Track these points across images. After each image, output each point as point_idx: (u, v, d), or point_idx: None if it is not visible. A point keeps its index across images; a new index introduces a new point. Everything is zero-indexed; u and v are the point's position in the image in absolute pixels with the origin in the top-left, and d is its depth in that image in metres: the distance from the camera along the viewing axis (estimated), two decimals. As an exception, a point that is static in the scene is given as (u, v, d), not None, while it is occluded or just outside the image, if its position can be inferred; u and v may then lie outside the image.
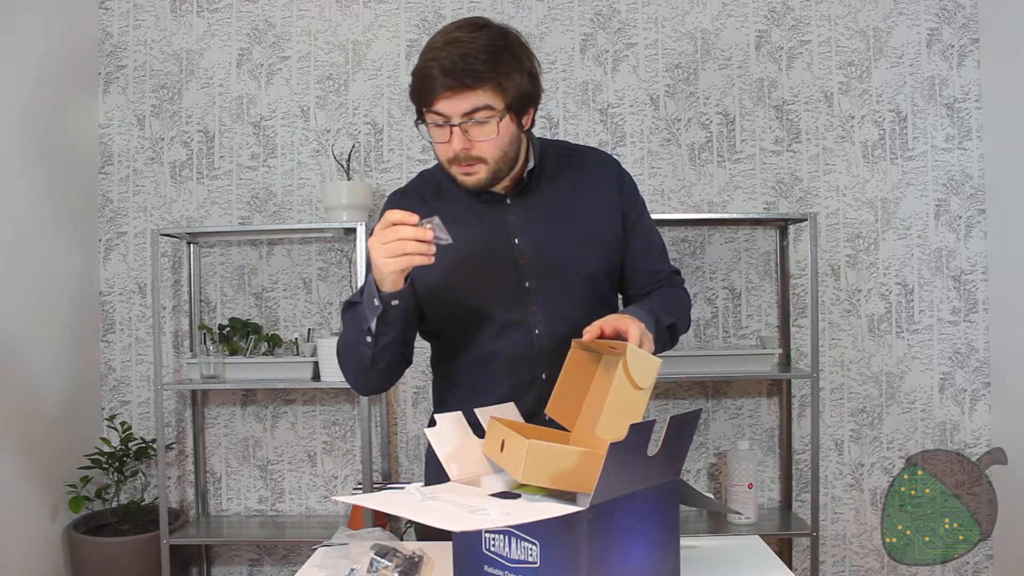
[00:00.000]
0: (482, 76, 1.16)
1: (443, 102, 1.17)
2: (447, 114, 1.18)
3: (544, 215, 1.33)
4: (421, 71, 1.18)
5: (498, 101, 1.19)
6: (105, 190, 2.75)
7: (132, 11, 2.74)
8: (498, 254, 1.31)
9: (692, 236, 2.67)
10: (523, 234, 1.31)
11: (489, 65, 1.16)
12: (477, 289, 1.31)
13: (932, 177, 2.64)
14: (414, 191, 1.39)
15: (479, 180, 1.25)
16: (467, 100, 1.17)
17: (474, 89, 1.16)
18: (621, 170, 1.41)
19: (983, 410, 2.63)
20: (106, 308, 2.74)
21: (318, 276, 2.70)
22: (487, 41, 1.17)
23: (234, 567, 2.74)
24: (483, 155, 1.22)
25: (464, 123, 1.18)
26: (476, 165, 1.23)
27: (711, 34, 2.66)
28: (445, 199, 1.35)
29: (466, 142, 1.20)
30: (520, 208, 1.33)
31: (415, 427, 2.70)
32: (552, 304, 1.30)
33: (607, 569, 0.92)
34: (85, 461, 2.50)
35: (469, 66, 1.15)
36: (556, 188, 1.35)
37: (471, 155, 1.21)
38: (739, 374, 2.41)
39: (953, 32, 2.63)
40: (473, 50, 1.16)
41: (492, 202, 1.33)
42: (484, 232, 1.32)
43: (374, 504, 0.98)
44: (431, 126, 1.22)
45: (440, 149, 1.24)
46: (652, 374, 1.08)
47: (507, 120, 1.21)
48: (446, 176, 1.34)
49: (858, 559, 2.66)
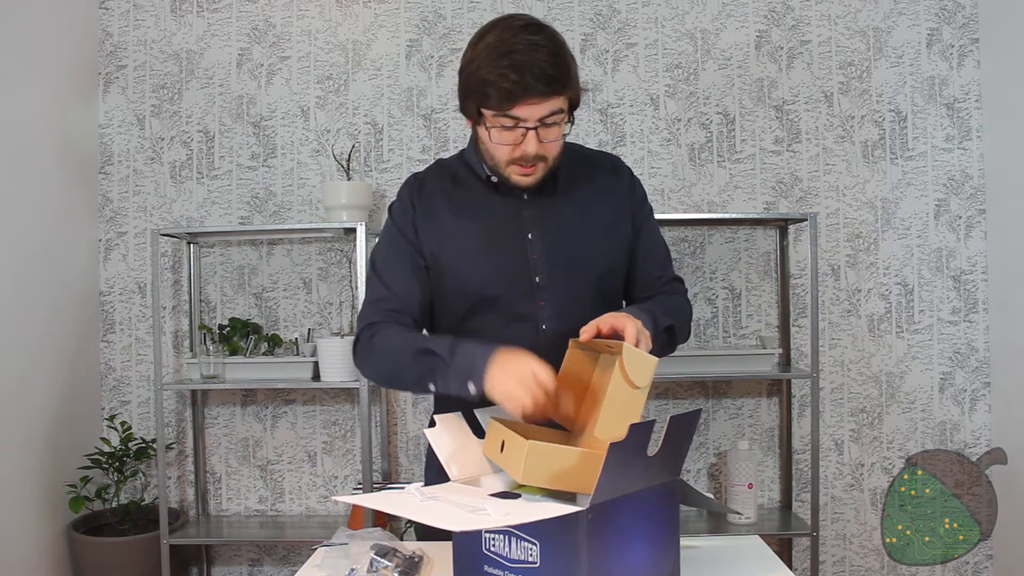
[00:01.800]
0: (565, 82, 1.18)
1: (523, 107, 1.17)
2: (524, 118, 1.18)
3: (559, 213, 1.34)
4: (503, 77, 1.15)
5: (565, 103, 1.21)
6: (105, 190, 2.75)
7: (132, 11, 2.74)
8: (511, 247, 1.32)
9: (692, 236, 2.67)
10: (537, 230, 1.32)
11: (568, 71, 1.18)
12: (487, 279, 1.31)
13: (932, 177, 2.64)
14: (434, 178, 1.39)
15: (536, 179, 1.27)
16: (548, 105, 1.17)
17: (557, 95, 1.18)
18: (633, 176, 1.43)
19: (983, 410, 2.63)
20: (106, 308, 2.74)
21: (318, 276, 2.70)
22: (554, 45, 1.18)
23: (234, 567, 2.74)
24: (547, 154, 1.24)
25: (538, 126, 1.19)
26: (537, 165, 1.25)
27: (711, 34, 2.66)
28: (462, 189, 1.36)
29: (539, 144, 1.21)
30: (536, 204, 1.34)
31: (415, 427, 2.70)
32: (561, 301, 1.31)
33: (607, 569, 0.92)
34: (85, 461, 2.50)
35: (559, 71, 1.16)
36: (571, 189, 1.36)
37: (537, 155, 1.22)
38: (739, 374, 2.41)
39: (953, 32, 2.63)
40: (549, 54, 1.16)
41: (509, 196, 1.34)
42: (499, 224, 1.33)
43: (374, 504, 0.98)
44: (496, 128, 1.21)
45: (503, 151, 1.23)
46: (649, 372, 1.08)
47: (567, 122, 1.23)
48: (463, 167, 1.37)
49: (858, 559, 2.66)
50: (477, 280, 1.31)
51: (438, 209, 1.34)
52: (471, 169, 1.36)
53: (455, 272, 1.31)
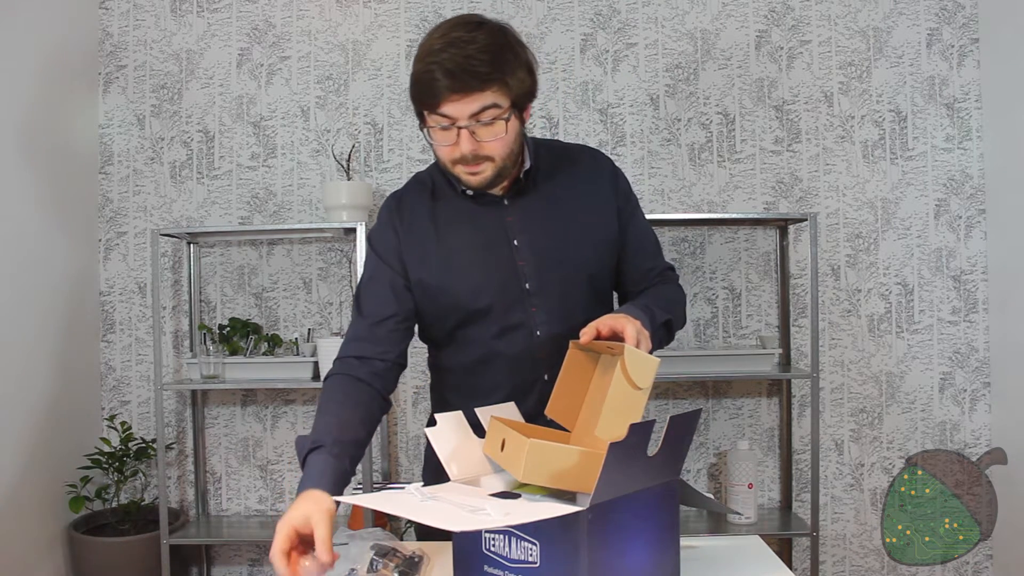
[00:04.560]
0: (488, 76, 1.13)
1: (449, 105, 1.14)
2: (454, 116, 1.15)
3: (542, 215, 1.31)
4: (423, 74, 1.14)
5: (504, 99, 1.16)
6: (105, 190, 2.75)
7: (132, 11, 2.74)
8: (497, 256, 1.29)
9: (692, 236, 2.67)
10: (522, 235, 1.30)
11: (494, 65, 1.14)
12: (477, 291, 1.29)
13: (932, 177, 2.64)
14: (412, 194, 1.37)
15: (484, 179, 1.23)
16: (474, 101, 1.14)
17: (481, 90, 1.14)
18: (615, 168, 1.39)
19: (983, 410, 2.63)
20: (106, 308, 2.74)
21: (318, 276, 2.70)
22: (488, 39, 1.14)
23: (234, 567, 2.74)
24: (491, 154, 1.20)
25: (471, 124, 1.16)
26: (483, 164, 1.21)
27: (711, 34, 2.66)
28: (441, 201, 1.33)
29: (474, 143, 1.17)
30: (518, 209, 1.31)
31: (415, 427, 2.70)
32: (552, 305, 1.29)
33: (607, 569, 0.92)
34: (85, 461, 2.50)
35: (474, 67, 1.12)
36: (552, 188, 1.33)
37: (478, 155, 1.19)
38: (739, 374, 2.41)
39: (953, 32, 2.63)
40: (475, 50, 1.12)
41: (490, 203, 1.31)
42: (482, 234, 1.30)
43: (374, 504, 0.98)
44: (435, 129, 1.19)
45: (444, 151, 1.21)
46: (650, 374, 1.08)
47: (513, 118, 1.19)
48: (440, 177, 1.34)
49: (858, 559, 2.66)
50: (467, 294, 1.29)
51: (420, 228, 1.32)
52: (447, 180, 1.33)
53: (444, 289, 1.29)
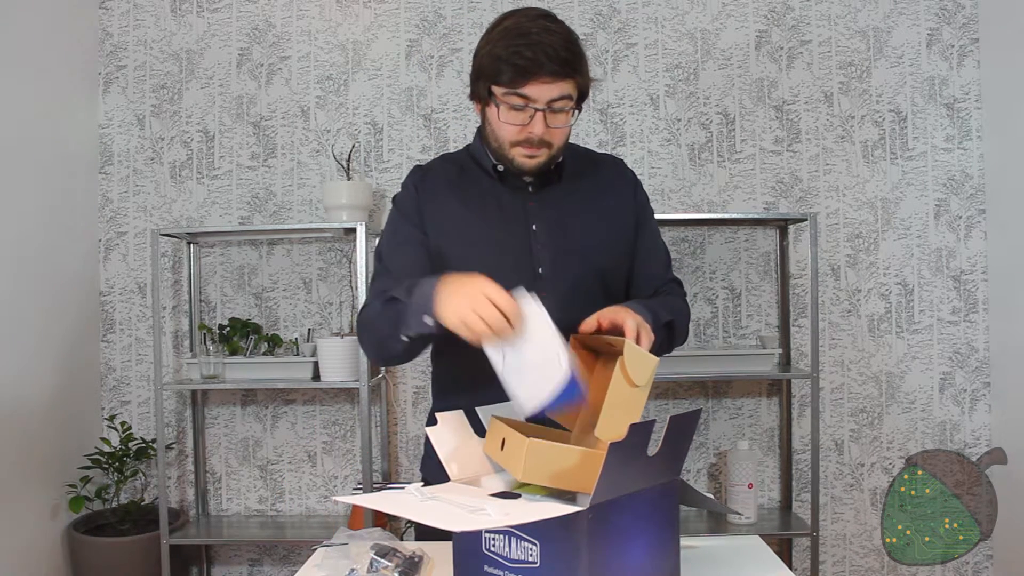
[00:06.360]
0: (576, 67, 1.22)
1: (534, 86, 1.20)
2: (534, 98, 1.21)
3: (563, 207, 1.36)
4: (516, 53, 1.19)
5: (575, 92, 1.25)
6: (105, 190, 2.75)
7: (132, 11, 2.74)
8: (515, 237, 1.33)
9: (692, 236, 2.67)
10: (541, 221, 1.34)
11: (581, 57, 1.24)
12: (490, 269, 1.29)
13: (932, 177, 2.64)
14: (439, 168, 1.41)
15: (539, 163, 1.29)
16: (558, 88, 1.21)
17: (566, 78, 1.21)
18: (636, 179, 1.47)
19: (983, 410, 2.63)
20: (106, 308, 2.74)
21: (318, 276, 2.70)
22: (573, 35, 1.24)
23: (234, 567, 2.74)
24: (553, 140, 1.27)
25: (546, 109, 1.22)
26: (542, 149, 1.27)
27: (711, 34, 2.66)
28: (467, 178, 1.38)
29: (544, 127, 1.24)
30: (540, 197, 1.36)
31: (415, 427, 2.70)
32: (563, 293, 1.31)
33: (607, 569, 0.92)
34: (85, 461, 2.50)
35: (570, 55, 1.21)
36: (576, 185, 1.38)
37: (543, 139, 1.25)
38: (739, 374, 2.41)
39: (953, 32, 2.63)
40: (569, 40, 1.22)
41: (515, 188, 1.35)
42: (503, 214, 1.34)
43: (374, 504, 0.98)
44: (505, 107, 1.24)
45: (510, 130, 1.26)
46: (649, 372, 1.08)
47: (575, 111, 1.27)
48: (469, 159, 1.39)
49: (858, 559, 2.66)
50: (480, 269, 1.29)
51: (442, 197, 1.36)
52: (477, 161, 1.38)
53: (458, 260, 1.31)
